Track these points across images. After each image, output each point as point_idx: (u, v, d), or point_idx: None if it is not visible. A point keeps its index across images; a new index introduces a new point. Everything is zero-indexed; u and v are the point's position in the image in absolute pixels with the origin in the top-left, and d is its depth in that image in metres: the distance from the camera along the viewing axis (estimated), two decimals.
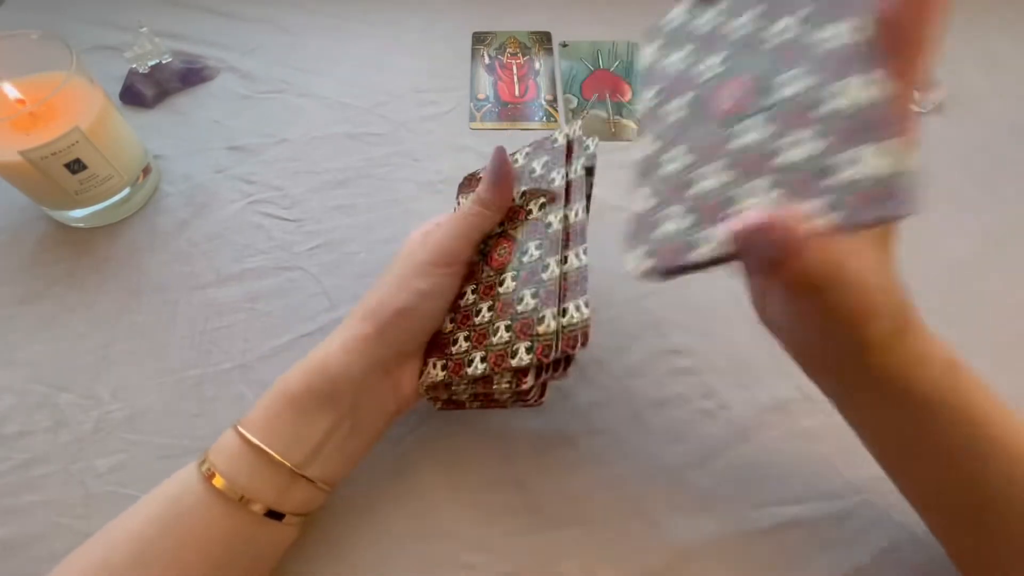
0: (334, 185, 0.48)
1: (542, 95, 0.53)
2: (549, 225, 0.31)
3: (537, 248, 0.31)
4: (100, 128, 0.41)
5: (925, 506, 0.30)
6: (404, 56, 0.56)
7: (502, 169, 0.32)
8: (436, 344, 0.32)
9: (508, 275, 0.31)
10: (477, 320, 0.31)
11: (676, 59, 0.28)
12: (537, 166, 0.34)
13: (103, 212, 0.44)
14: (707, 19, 0.28)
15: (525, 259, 0.31)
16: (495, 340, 0.30)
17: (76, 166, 0.40)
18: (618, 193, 0.47)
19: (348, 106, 0.52)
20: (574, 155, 0.33)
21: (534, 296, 0.29)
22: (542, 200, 0.32)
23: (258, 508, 0.28)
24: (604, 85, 0.54)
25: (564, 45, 0.57)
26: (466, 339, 0.31)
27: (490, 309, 0.31)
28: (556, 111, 0.52)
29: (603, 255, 0.43)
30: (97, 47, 0.55)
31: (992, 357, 0.39)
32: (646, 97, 0.29)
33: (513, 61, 0.55)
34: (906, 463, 0.29)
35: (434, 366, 0.32)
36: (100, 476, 0.35)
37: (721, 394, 0.38)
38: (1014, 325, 0.40)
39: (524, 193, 0.33)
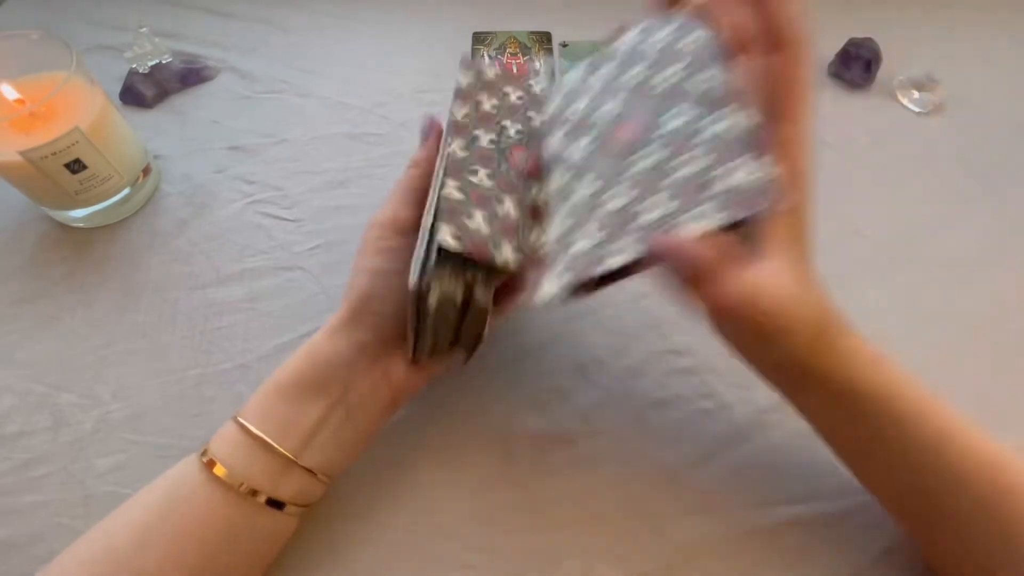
0: (334, 185, 0.48)
1: None
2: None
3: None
4: (100, 128, 0.41)
5: (882, 498, 0.31)
6: (404, 56, 0.56)
7: (426, 125, 0.34)
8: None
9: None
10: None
11: (578, 107, 0.33)
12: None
13: (103, 212, 0.44)
14: (602, 74, 0.33)
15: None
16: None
17: (76, 166, 0.40)
18: None
19: (348, 106, 0.52)
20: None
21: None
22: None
23: (259, 497, 0.28)
24: None
25: (564, 45, 0.57)
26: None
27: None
28: None
29: None
30: (97, 47, 0.55)
31: (992, 357, 0.39)
32: (556, 137, 0.33)
33: (513, 61, 0.55)
34: (855, 458, 0.31)
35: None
36: (100, 476, 0.35)
37: (721, 394, 0.38)
38: (1014, 325, 0.40)
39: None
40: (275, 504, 0.29)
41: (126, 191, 0.44)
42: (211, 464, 0.28)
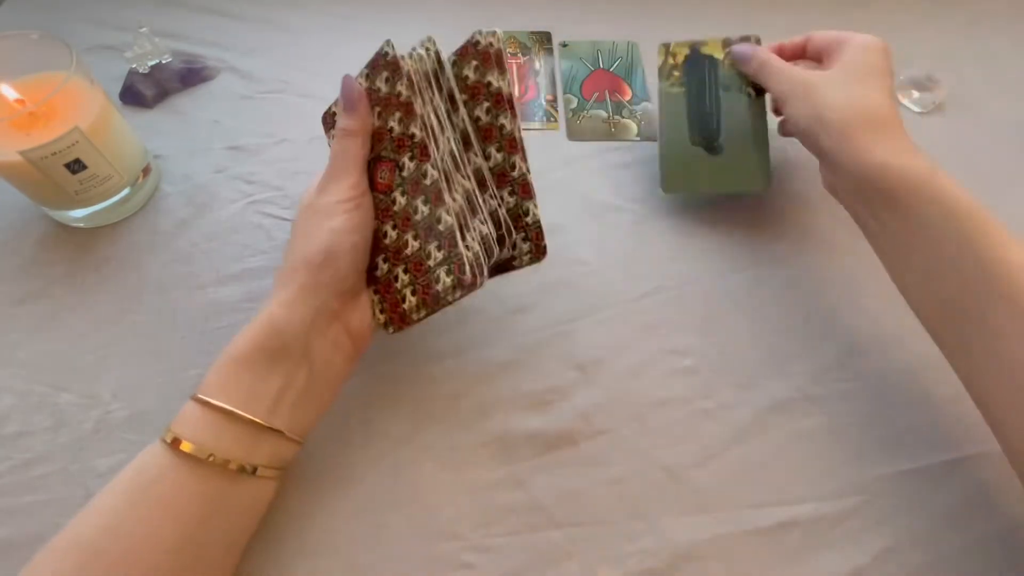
0: None
1: (542, 95, 0.53)
2: (412, 136, 0.32)
3: (411, 160, 0.33)
4: (100, 128, 0.41)
5: (922, 308, 0.33)
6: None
7: (353, 94, 0.34)
8: (381, 288, 0.35)
9: (396, 192, 0.34)
10: (408, 251, 0.33)
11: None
12: (381, 84, 0.34)
13: (103, 212, 0.44)
14: None
15: (405, 174, 0.33)
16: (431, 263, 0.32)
17: (76, 166, 0.40)
18: (619, 193, 0.47)
19: None
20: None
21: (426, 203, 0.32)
22: (398, 115, 0.33)
23: (230, 465, 0.28)
24: (604, 85, 0.53)
25: (564, 45, 0.57)
26: (404, 271, 0.33)
27: (401, 231, 0.34)
28: (556, 111, 0.52)
29: (604, 254, 0.43)
30: (97, 47, 0.55)
31: None
32: None
33: (513, 61, 0.55)
34: (903, 264, 0.33)
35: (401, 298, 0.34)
36: (100, 476, 0.35)
37: (721, 394, 0.38)
38: None
39: (378, 113, 0.34)
40: (247, 471, 0.29)
41: (126, 191, 0.44)
42: (176, 443, 0.28)
